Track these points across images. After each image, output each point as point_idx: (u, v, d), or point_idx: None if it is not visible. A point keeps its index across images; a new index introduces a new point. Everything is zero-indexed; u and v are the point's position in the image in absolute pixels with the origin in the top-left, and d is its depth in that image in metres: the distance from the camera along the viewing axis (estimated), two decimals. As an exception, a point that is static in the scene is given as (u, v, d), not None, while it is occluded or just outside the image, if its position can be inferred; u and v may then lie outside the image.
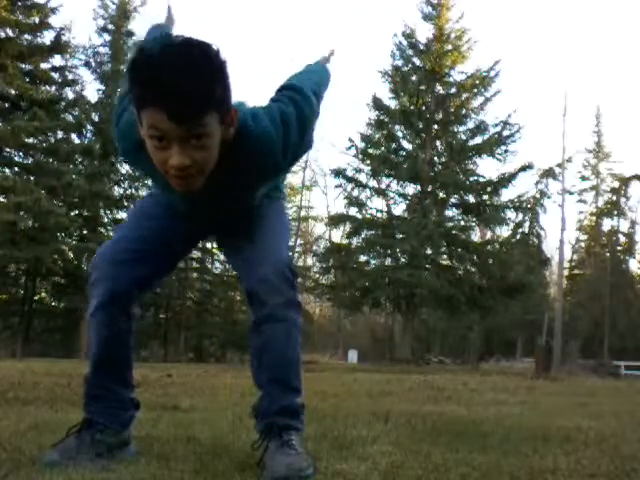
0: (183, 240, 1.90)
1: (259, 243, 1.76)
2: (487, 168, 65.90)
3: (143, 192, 21.92)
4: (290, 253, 1.86)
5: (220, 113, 1.40)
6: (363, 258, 23.25)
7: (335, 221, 24.25)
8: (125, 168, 23.00)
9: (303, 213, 34.22)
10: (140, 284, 1.80)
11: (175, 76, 1.32)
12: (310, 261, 33.59)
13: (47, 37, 20.71)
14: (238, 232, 1.82)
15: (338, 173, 22.49)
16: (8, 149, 19.86)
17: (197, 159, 1.40)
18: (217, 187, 1.57)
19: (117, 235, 1.86)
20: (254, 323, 1.74)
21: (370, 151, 22.73)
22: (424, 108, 22.29)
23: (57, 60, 21.24)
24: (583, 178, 37.60)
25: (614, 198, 37.15)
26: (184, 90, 1.32)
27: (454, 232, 21.82)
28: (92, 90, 35.31)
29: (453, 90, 22.57)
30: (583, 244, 38.86)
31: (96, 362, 1.80)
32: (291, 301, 1.71)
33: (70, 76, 21.68)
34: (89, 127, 22.06)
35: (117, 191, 22.74)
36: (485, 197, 22.08)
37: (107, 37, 22.90)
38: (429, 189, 22.11)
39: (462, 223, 22.57)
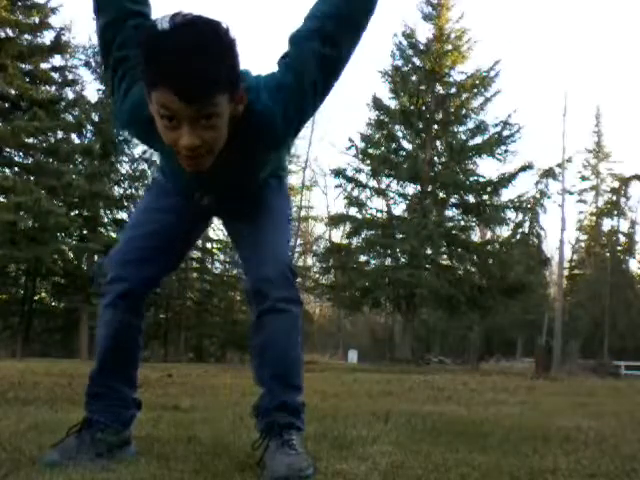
0: (191, 229, 1.92)
1: (261, 242, 1.76)
2: (487, 168, 65.88)
3: (143, 192, 21.90)
4: (290, 252, 1.87)
5: (230, 92, 1.40)
6: (363, 258, 23.25)
7: (335, 221, 24.25)
8: (125, 168, 23.02)
9: (303, 213, 34.20)
10: (152, 282, 1.84)
11: (185, 56, 1.31)
12: (310, 261, 33.57)
13: (47, 37, 20.74)
14: (242, 220, 1.82)
15: (338, 173, 22.50)
16: (8, 149, 19.86)
17: (207, 139, 1.40)
18: (226, 164, 1.56)
19: (127, 235, 1.87)
20: (256, 318, 1.75)
21: (370, 151, 22.73)
22: (424, 108, 22.28)
23: (57, 60, 21.27)
24: (583, 178, 37.64)
25: (614, 198, 37.16)
26: (194, 70, 1.31)
27: (454, 232, 21.82)
28: (92, 90, 35.38)
29: (453, 90, 22.56)
30: (583, 244, 38.87)
31: (103, 358, 1.80)
32: (293, 297, 1.73)
33: (70, 76, 21.68)
34: (89, 127, 22.04)
35: (117, 191, 22.71)
36: (485, 197, 22.08)
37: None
38: (429, 189, 22.11)
39: (462, 223, 22.57)
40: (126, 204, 22.30)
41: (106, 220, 22.64)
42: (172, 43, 1.32)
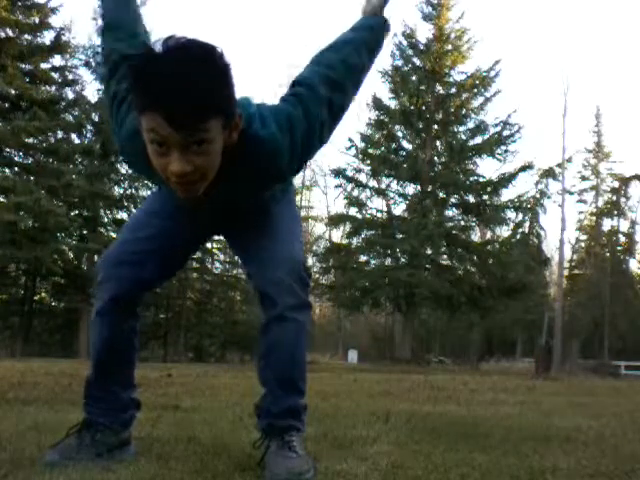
0: (191, 239, 1.87)
1: (272, 242, 1.74)
2: (487, 168, 65.89)
3: (143, 192, 21.88)
4: (302, 249, 1.83)
5: (223, 118, 1.35)
6: (363, 258, 23.26)
7: (335, 221, 24.25)
8: (125, 168, 22.96)
9: (303, 213, 34.19)
10: (145, 285, 1.79)
11: (175, 80, 1.26)
12: (310, 261, 33.57)
13: (47, 37, 20.72)
14: (248, 228, 1.78)
15: (338, 173, 22.50)
16: (8, 149, 19.85)
17: (198, 165, 1.35)
18: (221, 191, 1.53)
19: (124, 236, 1.83)
20: (264, 324, 1.73)
21: (370, 151, 22.73)
22: (424, 108, 22.29)
23: (57, 60, 21.25)
24: (583, 178, 37.58)
25: (614, 198, 37.12)
26: (184, 95, 1.26)
27: (454, 232, 21.83)
28: (92, 90, 35.38)
29: (453, 90, 22.57)
30: (583, 244, 38.82)
31: (97, 364, 1.80)
32: (303, 303, 1.71)
33: (70, 76, 21.65)
34: (89, 127, 22.03)
35: (117, 191, 22.69)
36: (485, 197, 22.08)
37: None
38: (429, 189, 22.11)
39: (462, 223, 22.58)
40: (126, 204, 22.29)
41: (106, 220, 22.63)
42: (162, 67, 1.28)
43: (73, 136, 21.71)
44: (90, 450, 1.71)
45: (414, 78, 22.48)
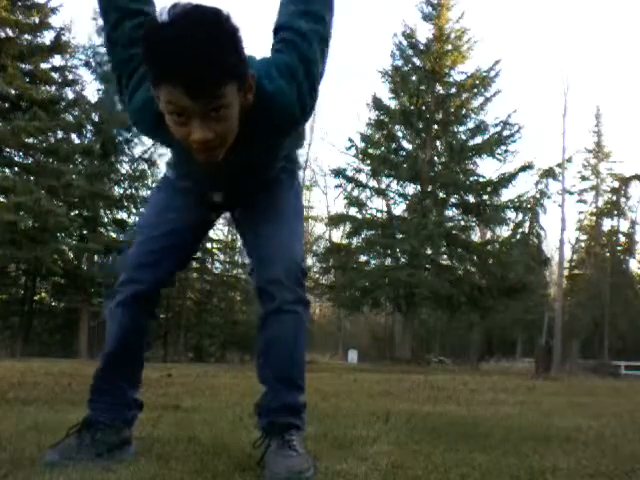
0: (202, 225, 1.92)
1: (272, 238, 1.76)
2: (487, 168, 65.90)
3: (143, 192, 21.88)
4: (302, 250, 1.84)
5: (237, 81, 1.36)
6: (363, 258, 23.25)
7: (335, 221, 24.25)
8: (125, 168, 22.98)
9: (303, 213, 34.16)
10: (164, 283, 1.85)
11: (186, 50, 1.26)
12: (310, 261, 33.58)
13: (47, 37, 20.69)
14: (254, 212, 1.80)
15: (338, 173, 22.50)
16: (8, 149, 19.84)
17: (218, 131, 1.37)
18: (240, 153, 1.54)
19: (140, 238, 1.85)
20: (262, 318, 1.75)
21: (370, 151, 22.73)
22: (424, 108, 22.29)
23: (57, 60, 21.22)
24: (583, 178, 37.57)
25: (614, 198, 37.11)
26: (197, 64, 1.27)
27: (454, 232, 21.83)
28: (92, 90, 35.31)
29: (453, 90, 22.57)
30: (583, 244, 38.81)
31: (110, 357, 1.81)
32: (300, 299, 1.73)
33: (70, 76, 21.63)
34: (89, 127, 22.02)
35: (117, 191, 22.68)
36: (485, 197, 22.09)
37: (107, 37, 22.85)
38: (429, 189, 22.11)
39: (462, 223, 22.58)
40: (126, 204, 22.28)
41: (106, 220, 22.61)
42: (171, 37, 1.27)
43: (73, 136, 21.70)
44: (90, 450, 1.71)
45: (414, 78, 22.48)
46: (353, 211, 22.84)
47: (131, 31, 1.53)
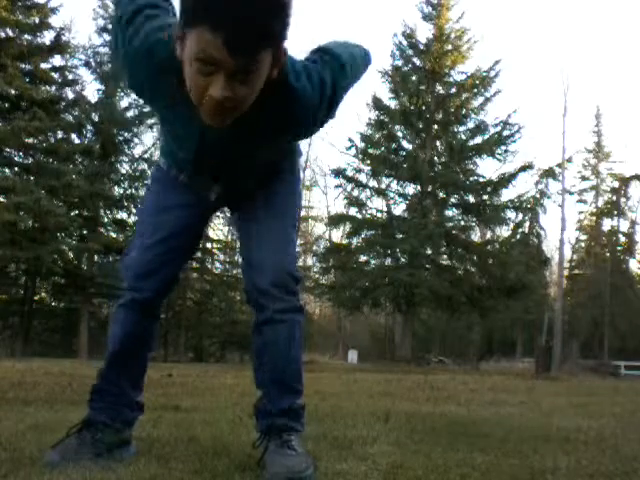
0: (202, 220, 1.89)
1: (263, 241, 1.71)
2: (487, 168, 65.83)
3: (143, 192, 21.87)
4: (294, 254, 1.79)
5: (276, 50, 1.29)
6: (363, 258, 23.24)
7: (335, 221, 24.23)
8: (125, 168, 22.99)
9: (303, 213, 34.20)
10: (168, 287, 1.82)
11: (241, 2, 1.17)
12: (310, 261, 33.56)
13: (47, 37, 20.68)
14: (250, 210, 1.76)
15: (338, 173, 22.48)
16: (8, 149, 19.84)
17: (239, 94, 1.28)
18: (243, 129, 1.47)
19: (142, 243, 1.79)
20: (255, 325, 1.74)
21: (370, 151, 22.72)
22: (424, 108, 22.27)
23: (57, 60, 21.21)
24: (583, 178, 37.56)
25: (614, 198, 37.10)
26: (249, 20, 1.17)
27: (454, 232, 21.82)
28: (92, 90, 35.30)
29: (453, 90, 22.55)
30: (583, 244, 38.80)
31: (113, 358, 1.80)
32: (291, 307, 1.70)
33: (70, 76, 21.63)
34: (89, 127, 22.03)
35: (117, 191, 22.69)
36: (485, 197, 22.07)
37: (107, 37, 22.87)
38: (429, 189, 22.10)
39: (462, 223, 22.56)
40: (126, 204, 22.28)
41: (106, 220, 22.62)
42: None
43: (73, 136, 21.70)
44: (90, 450, 1.71)
45: (414, 78, 22.47)
46: (353, 211, 22.83)
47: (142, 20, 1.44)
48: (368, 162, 22.49)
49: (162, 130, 1.72)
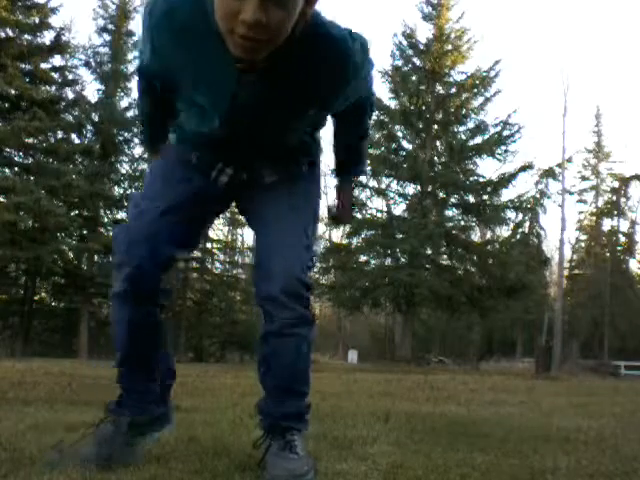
0: (209, 205, 1.73)
1: (275, 242, 1.62)
2: (487, 168, 65.87)
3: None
4: (309, 258, 1.65)
5: None
6: (363, 258, 23.24)
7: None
8: (125, 168, 23.00)
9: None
10: (165, 261, 1.63)
11: None
12: (310, 261, 33.50)
13: (47, 37, 20.72)
14: (264, 203, 1.65)
15: (338, 173, 22.45)
16: (8, 149, 19.85)
17: (272, 20, 1.20)
18: (278, 88, 1.39)
19: (141, 207, 1.63)
20: (263, 335, 1.67)
21: (370, 151, 22.69)
22: (424, 108, 22.26)
23: (57, 60, 21.25)
24: (583, 178, 37.56)
25: (614, 198, 37.10)
26: None
27: (454, 232, 21.82)
28: (92, 90, 35.33)
29: (453, 90, 22.55)
30: (583, 244, 38.80)
31: (123, 359, 1.71)
32: (301, 317, 1.61)
33: (70, 76, 21.66)
34: (89, 127, 22.05)
35: (117, 191, 22.72)
36: (485, 197, 22.07)
37: (107, 37, 22.89)
38: (429, 189, 22.10)
39: (462, 223, 22.56)
40: (126, 204, 22.27)
41: (106, 220, 22.64)
42: None
43: (73, 136, 21.72)
44: (123, 438, 1.67)
45: (414, 78, 22.47)
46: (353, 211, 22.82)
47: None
48: (368, 162, 22.48)
49: (182, 115, 1.61)
